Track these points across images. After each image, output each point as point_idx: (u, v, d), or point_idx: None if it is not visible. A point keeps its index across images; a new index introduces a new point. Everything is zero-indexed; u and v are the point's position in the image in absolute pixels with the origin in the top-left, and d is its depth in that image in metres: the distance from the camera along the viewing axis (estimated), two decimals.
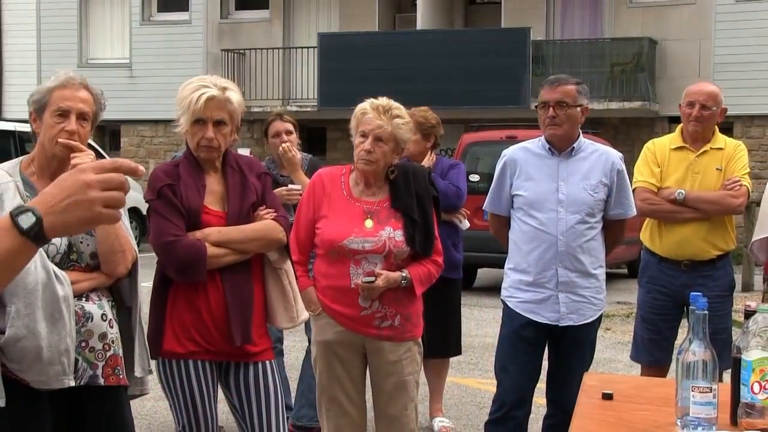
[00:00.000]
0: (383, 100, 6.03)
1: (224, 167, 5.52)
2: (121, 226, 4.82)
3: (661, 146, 7.98)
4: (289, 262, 5.66)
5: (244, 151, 6.01)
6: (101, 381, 4.82)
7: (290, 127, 8.65)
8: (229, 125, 5.36)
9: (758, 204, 7.90)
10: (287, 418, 6.30)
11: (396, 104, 6.03)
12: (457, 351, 9.40)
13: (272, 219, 5.47)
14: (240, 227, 5.38)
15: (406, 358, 6.15)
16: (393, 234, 5.97)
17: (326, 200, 6.04)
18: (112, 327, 4.87)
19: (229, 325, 5.32)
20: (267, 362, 5.57)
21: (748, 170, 7.84)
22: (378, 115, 5.91)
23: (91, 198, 2.41)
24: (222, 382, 5.58)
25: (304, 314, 5.75)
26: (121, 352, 4.90)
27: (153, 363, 5.39)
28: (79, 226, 2.48)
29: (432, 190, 6.29)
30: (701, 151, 7.80)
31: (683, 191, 7.67)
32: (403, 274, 5.94)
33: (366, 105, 6.00)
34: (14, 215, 2.41)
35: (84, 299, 4.77)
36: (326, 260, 6.02)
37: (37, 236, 2.42)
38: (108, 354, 4.83)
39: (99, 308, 4.83)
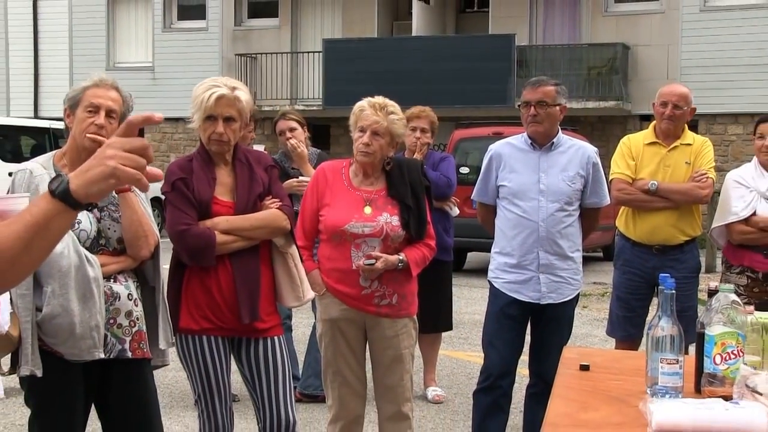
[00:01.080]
0: (379, 99, 6.05)
1: (234, 161, 5.53)
2: (144, 214, 4.85)
3: (635, 141, 7.99)
4: (294, 247, 5.66)
5: (258, 148, 6.01)
6: (128, 354, 4.85)
7: (294, 124, 8.65)
8: (237, 121, 5.37)
9: (719, 193, 7.92)
10: (295, 387, 6.32)
11: (391, 102, 6.05)
12: (449, 327, 9.42)
13: (277, 208, 5.48)
14: (246, 216, 5.39)
15: (403, 333, 6.17)
16: (390, 219, 5.98)
17: (328, 190, 6.06)
18: (137, 305, 4.90)
19: (237, 305, 5.35)
20: (275, 338, 5.58)
21: (714, 164, 7.85)
22: (375, 112, 5.93)
23: (109, 155, 2.44)
24: (234, 356, 5.59)
25: (310, 294, 5.75)
26: (145, 327, 4.93)
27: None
28: (100, 182, 2.46)
29: (424, 180, 6.30)
30: (672, 146, 7.81)
31: (655, 182, 7.68)
32: (401, 257, 5.96)
33: (364, 103, 6.02)
34: (50, 183, 2.48)
35: (112, 280, 4.80)
36: (329, 244, 6.03)
37: (64, 194, 2.45)
38: (134, 330, 4.86)
39: (125, 288, 4.86)
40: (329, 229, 6.00)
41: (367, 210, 6.01)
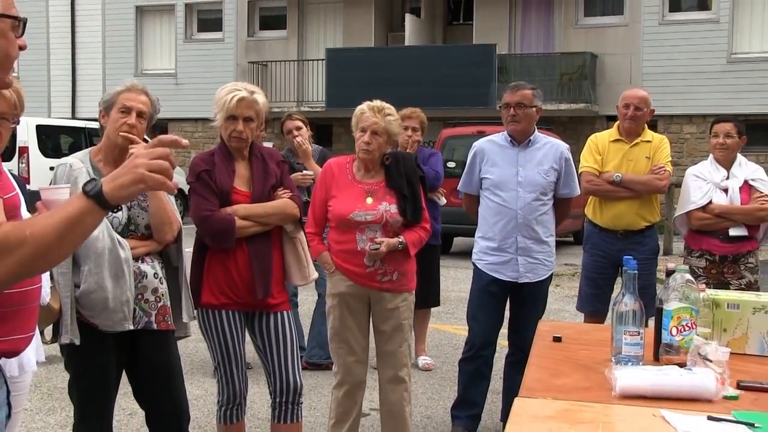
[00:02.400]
0: (377, 102, 6.07)
1: (250, 156, 5.56)
2: (168, 204, 4.86)
3: (601, 139, 7.99)
4: (302, 232, 5.69)
5: (267, 145, 6.04)
6: (154, 326, 4.87)
7: (299, 123, 8.68)
8: (255, 121, 5.42)
9: (678, 186, 7.95)
10: (301, 357, 6.32)
11: (388, 105, 6.08)
12: (437, 303, 9.43)
13: (288, 198, 5.51)
14: (262, 204, 5.43)
15: (402, 306, 6.20)
16: (389, 208, 6.00)
17: (335, 183, 6.07)
18: (162, 283, 4.91)
19: (253, 283, 5.38)
20: (284, 312, 5.61)
21: (670, 159, 7.86)
22: (374, 114, 5.95)
23: (137, 163, 2.53)
24: (248, 328, 5.61)
25: (315, 274, 5.78)
26: (169, 303, 4.94)
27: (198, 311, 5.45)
28: (129, 187, 2.54)
29: (418, 171, 6.33)
30: (634, 143, 7.81)
31: (620, 175, 7.69)
32: (400, 239, 5.99)
33: (364, 106, 6.04)
34: (84, 186, 2.54)
35: (140, 261, 4.82)
36: (337, 230, 6.05)
37: (97, 197, 2.51)
38: (159, 305, 4.88)
39: (152, 269, 4.87)
40: (336, 218, 6.02)
41: (369, 200, 6.02)
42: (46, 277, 4.48)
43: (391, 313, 6.18)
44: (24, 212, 3.28)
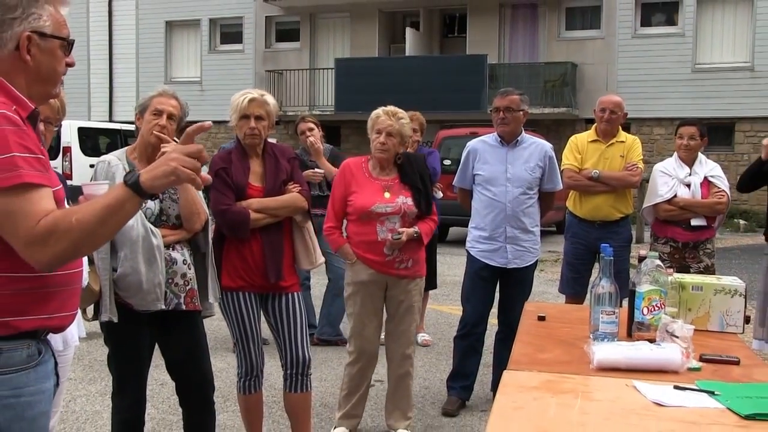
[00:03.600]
0: (391, 108, 6.09)
1: (264, 154, 5.55)
2: (197, 196, 4.87)
3: (581, 139, 7.98)
4: (310, 223, 5.69)
5: (271, 140, 6.04)
6: (183, 307, 4.86)
7: (311, 125, 8.69)
8: (266, 120, 5.43)
9: (647, 181, 7.96)
10: (312, 334, 6.33)
11: (400, 110, 6.10)
12: (434, 286, 9.40)
13: (297, 192, 5.51)
14: (274, 198, 5.42)
15: (414, 289, 6.21)
16: (405, 200, 6.01)
17: (354, 181, 6.06)
18: (190, 269, 4.91)
19: (266, 268, 5.39)
20: (295, 293, 5.61)
21: (642, 157, 7.87)
22: (388, 117, 5.98)
23: (172, 158, 2.63)
24: (263, 308, 5.62)
25: (321, 259, 5.76)
26: (196, 286, 4.95)
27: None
28: (163, 179, 2.63)
29: (426, 169, 6.35)
30: (609, 143, 7.81)
31: (597, 171, 7.69)
32: (416, 230, 6.00)
33: (379, 111, 6.05)
34: (125, 176, 2.64)
35: (171, 249, 4.82)
36: (358, 223, 6.03)
37: (135, 186, 2.60)
38: (187, 288, 4.88)
39: (181, 255, 4.87)
40: (358, 210, 6.01)
41: (387, 194, 6.02)
42: (84, 261, 4.51)
43: (405, 296, 6.19)
44: (66, 206, 3.31)
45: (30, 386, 2.73)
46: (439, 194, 8.82)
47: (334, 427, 6.32)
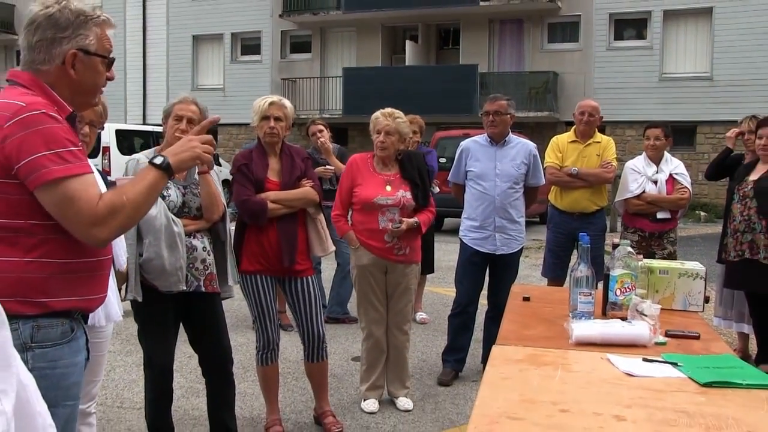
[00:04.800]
0: (388, 109, 6.09)
1: (281, 153, 5.59)
2: (216, 189, 4.90)
3: (562, 140, 7.97)
4: (322, 214, 5.71)
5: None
6: (202, 289, 4.89)
7: (321, 127, 8.73)
8: (284, 121, 5.48)
9: (620, 177, 7.97)
10: (323, 312, 6.34)
11: (397, 111, 6.09)
12: (431, 270, 9.42)
13: (309, 187, 5.54)
14: (289, 191, 5.45)
15: (410, 273, 6.22)
16: (405, 194, 6.02)
17: (359, 175, 6.08)
18: (209, 255, 4.93)
19: (281, 253, 5.42)
20: (309, 277, 5.64)
21: (615, 156, 7.86)
22: (385, 118, 5.99)
23: (194, 145, 2.95)
24: (282, 290, 5.66)
25: (332, 247, 5.78)
26: (215, 271, 4.97)
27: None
28: (188, 162, 2.96)
29: (425, 166, 6.36)
30: (587, 143, 7.79)
31: (576, 168, 7.67)
32: (416, 220, 6.02)
33: (378, 113, 6.06)
34: (151, 160, 2.85)
35: (192, 237, 4.84)
36: (362, 213, 6.04)
37: (166, 167, 2.85)
38: (206, 272, 4.90)
39: (201, 243, 4.89)
40: (362, 201, 6.02)
41: (388, 188, 6.03)
42: (123, 247, 4.55)
43: (402, 279, 6.20)
44: None
45: (64, 359, 2.77)
46: (437, 189, 8.82)
47: (363, 400, 6.32)
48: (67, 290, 2.74)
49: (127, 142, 20.79)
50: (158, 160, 2.83)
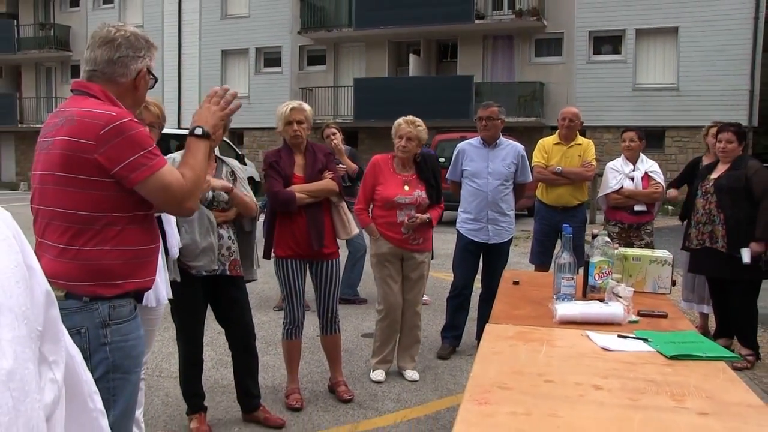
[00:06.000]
0: (410, 117, 6.12)
1: (305, 151, 5.62)
2: (245, 198, 4.98)
3: (547, 142, 7.97)
4: (344, 202, 5.73)
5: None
6: (228, 273, 4.93)
7: (334, 130, 8.70)
8: (305, 123, 5.51)
9: (600, 175, 7.99)
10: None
11: (418, 119, 6.11)
12: (431, 257, 9.41)
13: (330, 179, 5.56)
14: (313, 183, 5.48)
15: (424, 261, 6.26)
16: (421, 194, 6.07)
17: (381, 174, 6.10)
18: (234, 243, 4.98)
19: (309, 238, 5.45)
20: (335, 260, 5.68)
21: (594, 157, 7.86)
22: (408, 125, 6.02)
23: (215, 110, 3.11)
24: (310, 272, 5.68)
25: (355, 230, 5.82)
26: (239, 257, 5.01)
27: (272, 261, 5.62)
28: (219, 123, 3.12)
29: (438, 167, 6.41)
30: (570, 145, 7.80)
31: (560, 168, 7.69)
32: (428, 216, 6.08)
33: (401, 120, 6.08)
34: (193, 131, 3.00)
35: (219, 227, 4.88)
36: (382, 208, 6.07)
37: (207, 134, 3.02)
38: (231, 258, 4.94)
39: (227, 232, 4.94)
40: (383, 199, 6.05)
41: (406, 188, 6.07)
42: (176, 236, 4.59)
43: (418, 266, 6.23)
44: None
45: (132, 333, 2.86)
46: None
47: (372, 371, 6.35)
48: (134, 274, 2.83)
49: (165, 143, 20.79)
50: (199, 131, 3.00)
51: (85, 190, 2.69)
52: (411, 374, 6.35)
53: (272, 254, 5.61)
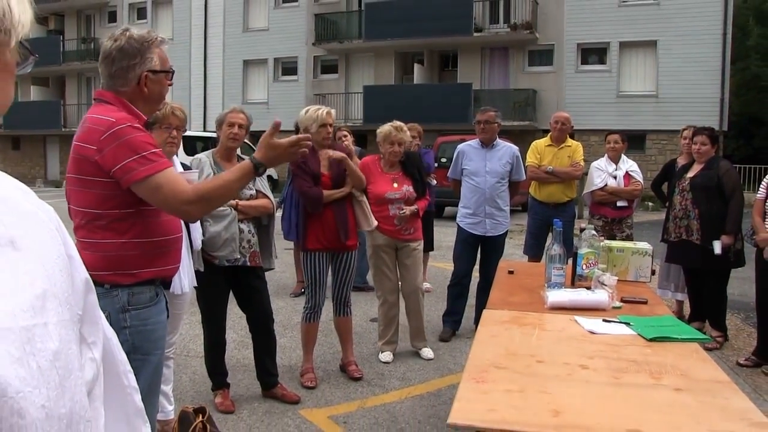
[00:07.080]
0: (397, 123, 6.10)
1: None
2: (260, 205, 4.99)
3: (540, 144, 7.95)
4: (365, 197, 5.75)
5: None
6: (248, 263, 4.94)
7: (345, 133, 8.62)
8: (332, 126, 5.53)
9: (586, 174, 7.98)
10: None
11: (402, 124, 6.12)
12: (431, 248, 9.39)
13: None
14: (338, 190, 5.50)
15: (418, 248, 6.26)
16: (408, 188, 6.06)
17: (370, 174, 6.05)
18: (253, 237, 4.98)
19: (337, 231, 5.46)
20: (354, 251, 5.69)
21: (582, 158, 7.85)
22: (398, 131, 6.03)
23: (285, 161, 2.93)
24: (331, 261, 5.66)
25: (375, 222, 5.80)
26: (258, 249, 5.02)
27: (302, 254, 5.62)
28: (281, 160, 2.88)
29: (422, 163, 6.41)
30: (560, 147, 7.79)
31: (551, 167, 7.68)
32: (415, 207, 6.09)
33: (389, 127, 6.06)
34: (255, 163, 2.79)
35: (240, 222, 4.89)
36: (375, 204, 6.02)
37: (261, 173, 2.85)
38: (250, 250, 4.95)
39: (247, 227, 4.94)
40: (375, 196, 6.02)
41: (395, 185, 6.06)
42: (200, 231, 4.59)
43: (412, 253, 6.22)
44: None
45: (152, 318, 2.84)
46: (433, 182, 8.80)
47: (381, 352, 6.35)
48: (151, 263, 2.81)
49: (191, 145, 20.84)
50: (261, 170, 2.83)
51: (92, 189, 2.69)
52: (426, 352, 6.38)
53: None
